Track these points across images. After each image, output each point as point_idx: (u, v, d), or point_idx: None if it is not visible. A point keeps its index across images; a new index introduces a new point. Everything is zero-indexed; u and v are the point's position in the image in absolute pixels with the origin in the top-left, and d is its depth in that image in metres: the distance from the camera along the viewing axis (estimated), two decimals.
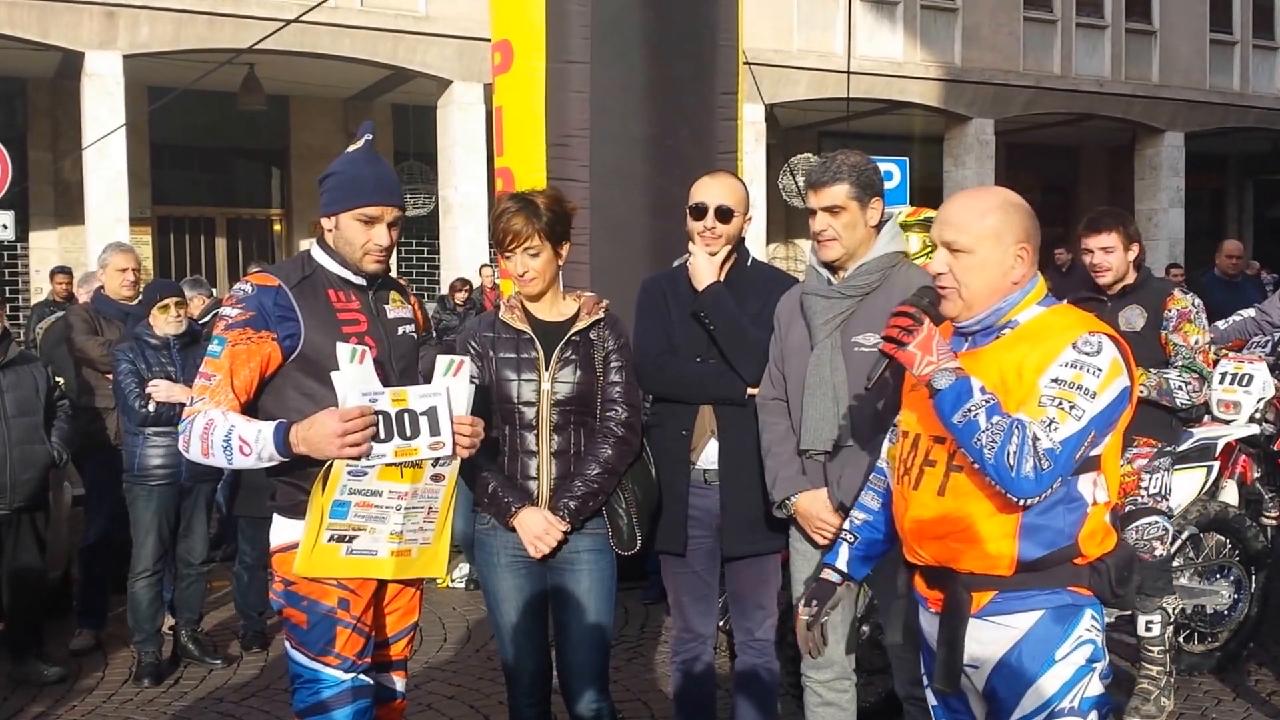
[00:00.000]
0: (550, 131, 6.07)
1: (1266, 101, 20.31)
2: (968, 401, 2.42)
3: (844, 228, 3.41)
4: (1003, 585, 2.53)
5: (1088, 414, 2.42)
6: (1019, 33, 18.25)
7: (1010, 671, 2.54)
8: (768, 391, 3.62)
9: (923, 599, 2.71)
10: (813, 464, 3.50)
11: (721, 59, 6.48)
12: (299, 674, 3.01)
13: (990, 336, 2.60)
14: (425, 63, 14.41)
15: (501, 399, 3.42)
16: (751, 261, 3.86)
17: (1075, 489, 2.51)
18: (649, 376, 3.71)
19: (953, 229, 2.59)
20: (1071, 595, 2.54)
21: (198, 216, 16.41)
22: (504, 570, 3.47)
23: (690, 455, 3.72)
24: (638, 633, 6.02)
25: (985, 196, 2.66)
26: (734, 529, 3.69)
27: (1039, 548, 2.50)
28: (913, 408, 2.70)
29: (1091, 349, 2.46)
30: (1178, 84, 19.45)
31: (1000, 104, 17.99)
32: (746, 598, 3.80)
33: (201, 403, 2.90)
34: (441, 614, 6.48)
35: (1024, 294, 2.59)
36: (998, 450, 2.37)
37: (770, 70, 15.14)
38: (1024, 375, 2.48)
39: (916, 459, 2.64)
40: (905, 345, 2.51)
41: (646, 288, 3.92)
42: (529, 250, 3.38)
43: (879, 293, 3.43)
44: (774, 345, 3.62)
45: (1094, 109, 18.75)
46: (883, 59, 16.91)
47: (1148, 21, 19.41)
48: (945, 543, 2.58)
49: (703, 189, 3.71)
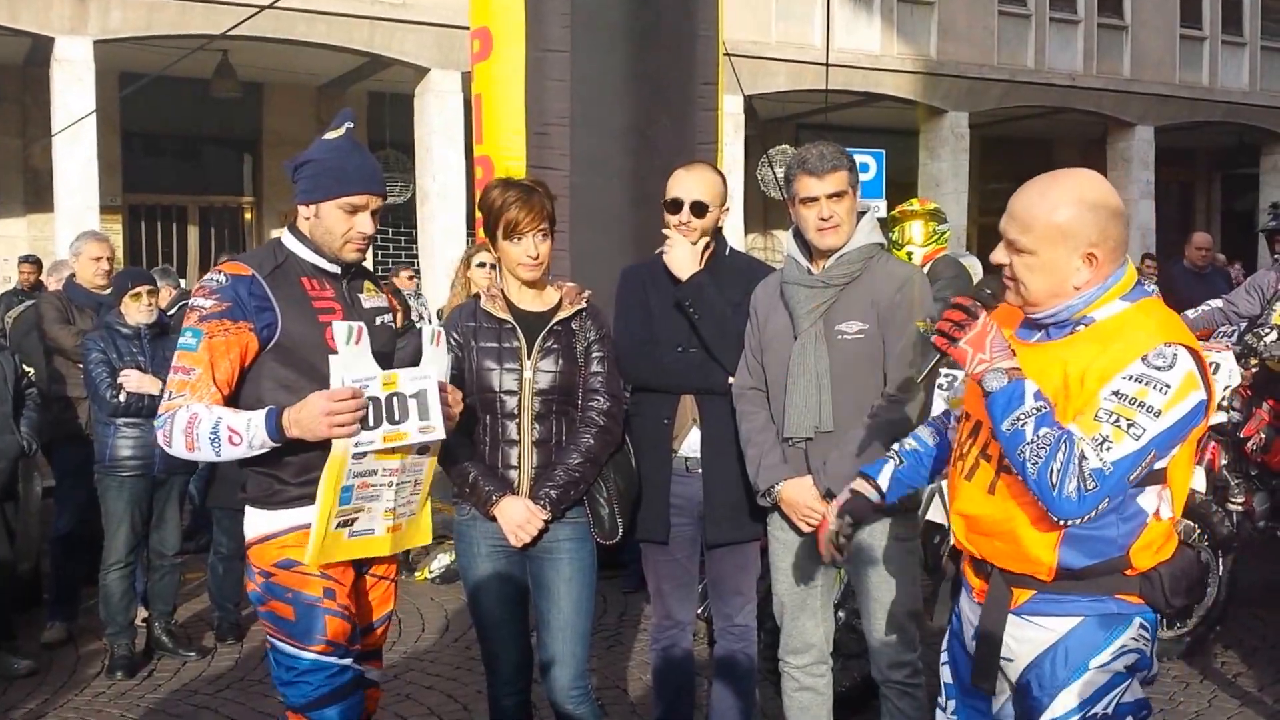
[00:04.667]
0: (530, 120, 6.06)
1: (1234, 96, 20.48)
2: (1018, 409, 2.28)
3: (846, 214, 3.45)
4: (1042, 587, 2.44)
5: (1148, 434, 2.24)
6: (994, 26, 18.32)
7: (1044, 673, 2.46)
8: (744, 381, 3.63)
9: (969, 585, 2.63)
10: (794, 451, 3.51)
11: (701, 49, 6.49)
12: (291, 666, 2.96)
13: (1065, 330, 2.43)
14: (402, 50, 14.31)
15: (482, 388, 3.41)
16: (730, 251, 3.87)
17: (1134, 502, 2.38)
18: (631, 366, 3.71)
19: (1017, 226, 2.40)
20: (1118, 604, 2.43)
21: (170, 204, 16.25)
22: (484, 560, 3.47)
23: (672, 444, 3.73)
24: (616, 621, 6.04)
25: (1059, 190, 2.41)
26: (716, 516, 3.71)
27: (1085, 558, 2.39)
28: (977, 392, 2.49)
29: (1164, 362, 2.27)
30: (1148, 78, 19.56)
31: (975, 97, 18.06)
32: (727, 584, 3.82)
33: (181, 398, 2.86)
34: (419, 604, 6.47)
35: (1102, 290, 2.40)
36: (1041, 466, 2.24)
37: (749, 61, 15.12)
38: (1086, 381, 2.31)
39: (974, 448, 2.54)
40: (957, 341, 2.37)
41: (627, 277, 3.93)
42: (539, 233, 3.39)
43: (859, 282, 3.46)
44: (750, 335, 3.63)
45: (1066, 102, 18.84)
46: (860, 51, 16.93)
47: (1119, 16, 19.53)
48: (990, 540, 2.50)
49: (678, 184, 3.72)
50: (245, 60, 14.15)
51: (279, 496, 2.95)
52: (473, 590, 3.54)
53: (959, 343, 2.36)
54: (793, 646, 3.65)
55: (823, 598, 3.63)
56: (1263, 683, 5.12)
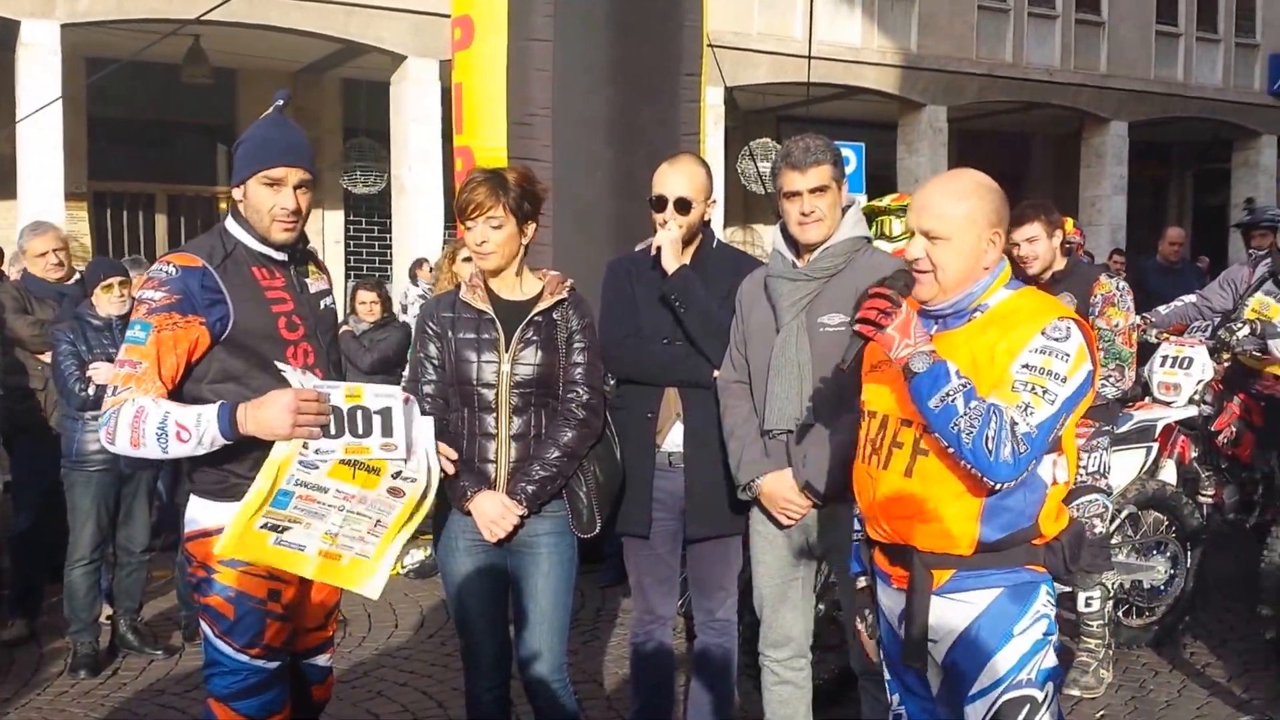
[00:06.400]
0: (512, 110, 6.00)
1: (1208, 92, 20.62)
2: (945, 386, 2.46)
3: (828, 208, 3.43)
4: (962, 564, 2.60)
5: (1060, 398, 2.49)
6: (973, 20, 18.36)
7: (970, 646, 2.61)
8: (728, 374, 3.62)
9: (885, 575, 2.77)
10: (776, 444, 3.50)
11: (686, 40, 6.45)
12: (220, 662, 2.94)
13: (961, 319, 2.65)
14: (379, 37, 14.19)
15: (460, 380, 3.38)
16: (717, 244, 3.86)
17: (1036, 474, 2.57)
18: (615, 358, 3.70)
19: (931, 216, 2.62)
20: (1029, 573, 2.62)
21: (137, 192, 16.08)
22: (462, 554, 3.44)
23: (655, 438, 3.72)
24: (594, 616, 6.02)
25: (960, 181, 2.69)
26: (698, 511, 3.70)
27: (1000, 530, 2.58)
28: (880, 387, 2.73)
29: (1060, 334, 2.52)
30: (1124, 74, 19.66)
31: (954, 91, 18.10)
32: (708, 579, 3.81)
33: (127, 391, 2.77)
34: (393, 600, 6.40)
35: (994, 277, 2.65)
36: (976, 435, 2.42)
37: (730, 53, 15.09)
38: (995, 359, 2.53)
39: (885, 439, 2.69)
40: (884, 328, 2.52)
41: (613, 269, 3.91)
42: (491, 221, 3.32)
43: (843, 275, 3.44)
44: (735, 328, 3.62)
45: (1043, 97, 18.92)
46: (841, 44, 16.92)
47: (1097, 12, 19.62)
48: (909, 522, 2.63)
49: (663, 180, 3.70)
50: (217, 45, 14.01)
51: (231, 490, 2.88)
52: (451, 584, 3.51)
53: (886, 329, 2.52)
54: (773, 640, 3.65)
55: (803, 591, 3.62)
56: (1231, 673, 5.18)
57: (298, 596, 3.02)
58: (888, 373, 2.66)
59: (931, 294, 2.64)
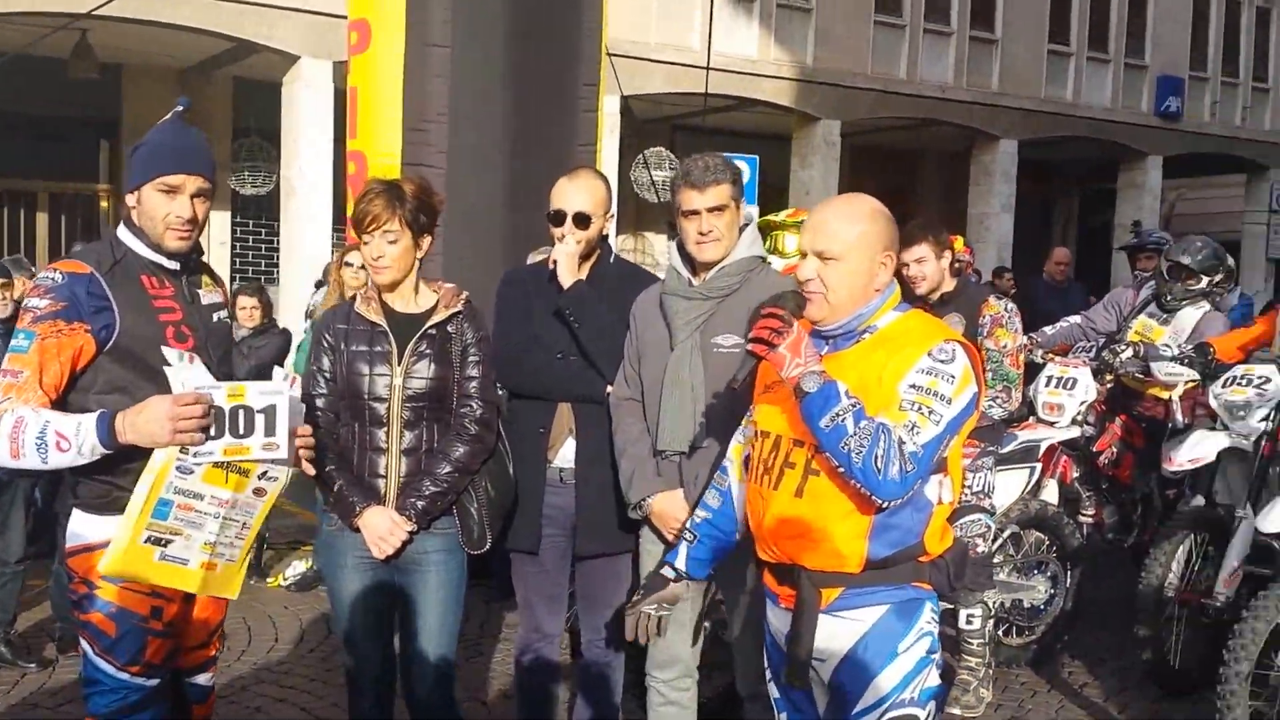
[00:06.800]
0: (408, 116, 5.93)
1: (1096, 113, 21.16)
2: (835, 405, 2.49)
3: (726, 227, 3.44)
4: (850, 582, 2.64)
5: (945, 418, 2.54)
6: (869, 36, 18.62)
7: (855, 664, 2.65)
8: (621, 391, 3.61)
9: (773, 595, 2.79)
10: (668, 464, 3.50)
11: (585, 50, 6.45)
12: (100, 681, 2.88)
13: (851, 340, 2.69)
14: (272, 36, 13.90)
15: (352, 394, 3.32)
16: (615, 258, 3.84)
17: (922, 493, 2.62)
18: (509, 371, 3.66)
19: (824, 237, 2.65)
20: (915, 590, 2.67)
21: (17, 190, 15.54)
22: (350, 572, 3.38)
23: (547, 453, 3.69)
24: (478, 631, 5.93)
25: (854, 205, 2.73)
26: (588, 528, 3.68)
27: (887, 547, 2.62)
28: (772, 408, 2.75)
29: (946, 356, 2.58)
30: (1015, 92, 20.08)
31: (848, 106, 18.34)
32: (597, 597, 3.78)
33: (8, 401, 2.69)
34: (272, 613, 6.25)
35: (884, 299, 2.70)
36: (865, 454, 2.46)
37: (627, 61, 15.11)
38: (884, 380, 2.58)
39: (777, 460, 2.71)
40: (776, 347, 2.54)
41: (509, 281, 3.89)
42: (387, 235, 3.27)
43: (739, 295, 3.44)
44: (629, 344, 3.61)
45: (936, 114, 19.24)
46: (737, 56, 17.05)
47: (990, 29, 20.01)
48: (799, 541, 2.66)
49: (561, 194, 3.67)
50: (105, 41, 13.58)
51: (114, 503, 2.79)
52: (337, 602, 3.44)
53: (778, 348, 2.54)
54: (659, 661, 3.63)
55: (691, 611, 3.61)
56: (1108, 693, 5.29)
57: (180, 614, 2.96)
58: (780, 393, 2.68)
59: (823, 314, 2.67)
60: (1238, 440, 5.24)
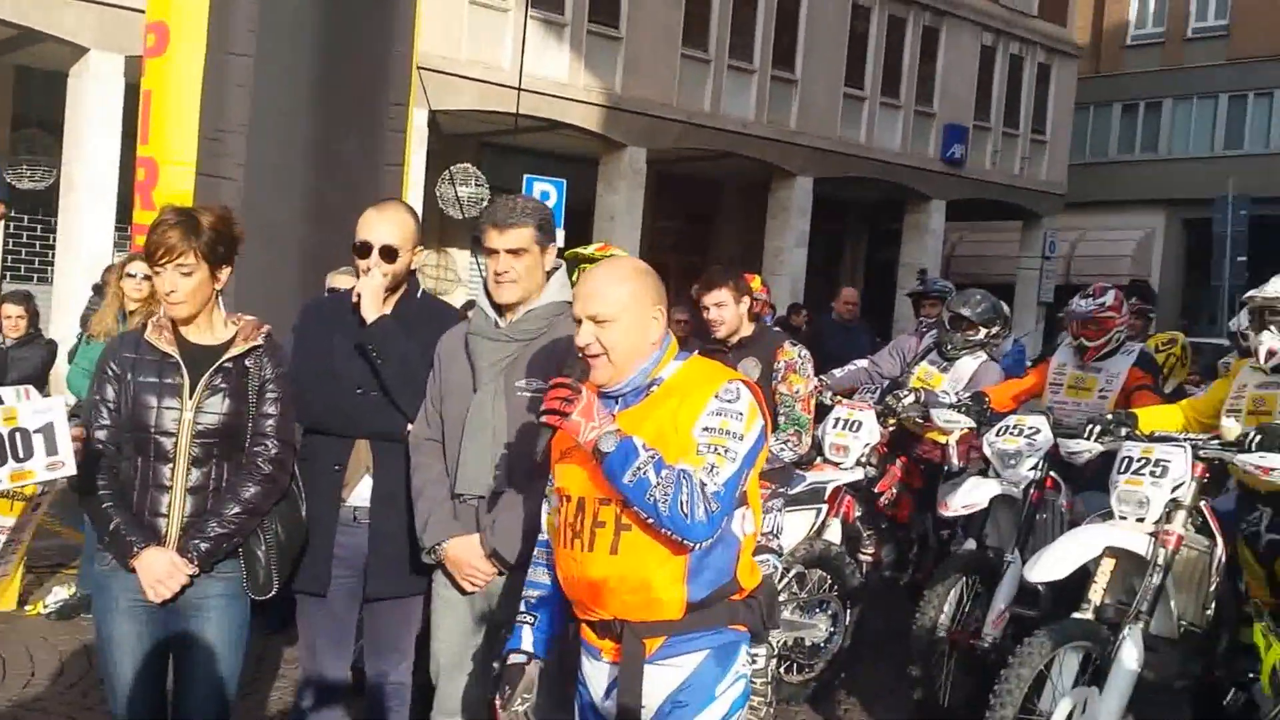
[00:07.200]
0: (205, 124, 5.68)
1: (887, 156, 22.15)
2: (635, 460, 2.58)
3: (525, 271, 3.40)
4: (672, 630, 2.73)
5: (740, 454, 2.66)
6: (676, 68, 18.99)
7: (677, 709, 2.73)
8: (422, 431, 3.53)
9: (594, 649, 2.83)
10: (466, 508, 3.44)
11: (395, 68, 6.32)
12: None
13: (640, 395, 2.79)
14: (59, 25, 13.13)
15: (137, 427, 3.15)
16: (421, 293, 3.77)
17: (729, 529, 2.73)
18: (306, 405, 3.54)
19: (596, 301, 2.76)
20: (732, 633, 2.77)
21: None
22: (122, 615, 3.20)
23: (341, 491, 3.58)
24: (255, 665, 5.62)
25: (619, 267, 2.90)
26: (380, 569, 3.59)
27: (705, 588, 2.72)
28: (573, 471, 2.79)
29: (732, 396, 2.71)
30: (812, 131, 20.85)
31: (654, 135, 18.62)
32: (385, 640, 3.70)
33: None
34: (29, 644, 5.73)
35: (663, 352, 2.82)
36: (671, 501, 2.56)
37: (438, 76, 14.96)
38: (679, 427, 2.68)
39: (585, 522, 2.75)
40: (568, 415, 2.62)
41: (309, 312, 3.78)
42: (181, 268, 3.13)
43: (544, 339, 3.42)
44: (432, 383, 3.54)
45: (737, 148, 19.75)
46: (548, 79, 17.08)
47: (791, 70, 20.70)
48: (620, 597, 2.72)
49: (368, 226, 3.58)
50: None
51: None
52: (106, 647, 3.25)
53: (571, 416, 2.62)
54: (447, 708, 3.54)
55: (482, 657, 3.55)
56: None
57: None
58: (579, 456, 2.73)
59: (607, 376, 2.76)
60: (1008, 488, 5.51)
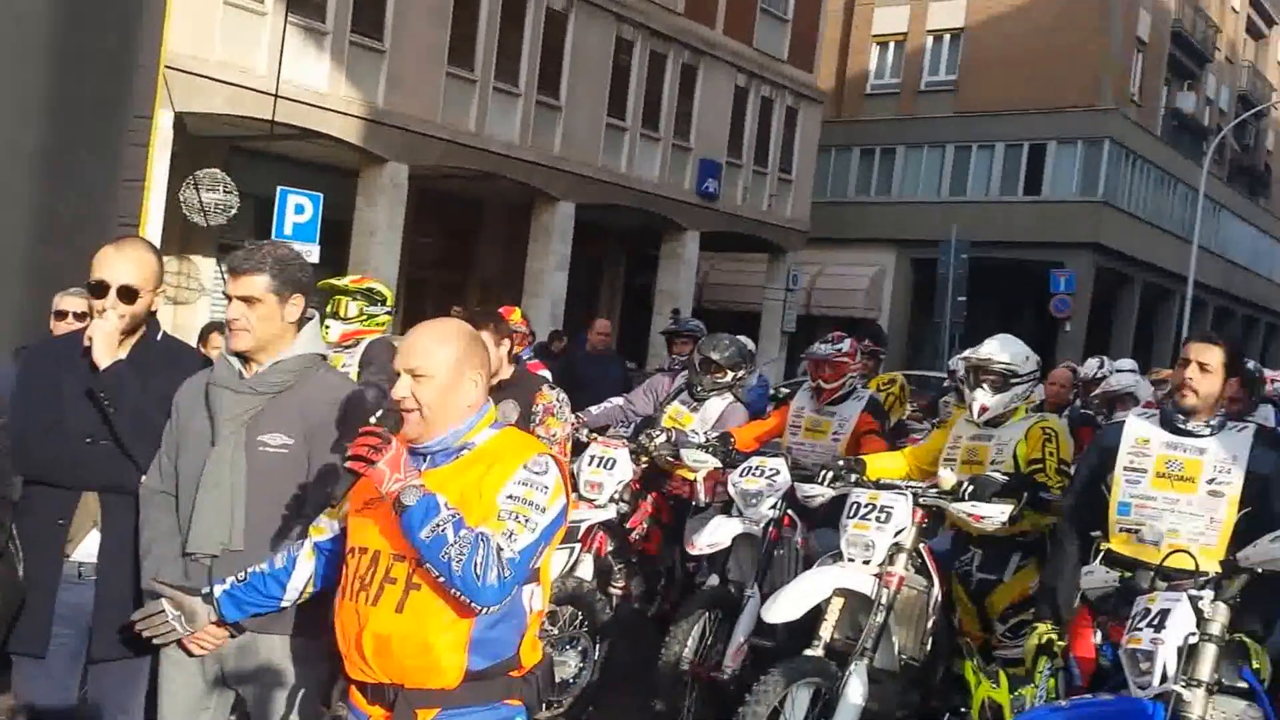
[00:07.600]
0: None
1: (646, 186, 22.67)
2: (435, 516, 2.58)
3: (258, 320, 3.26)
4: (446, 701, 2.69)
5: (540, 525, 2.69)
6: (440, 86, 18.79)
7: None
8: (154, 483, 3.34)
9: (363, 715, 2.78)
10: (197, 567, 3.25)
11: (140, 80, 6.00)
12: None
13: (449, 457, 2.80)
14: None
15: None
16: (162, 336, 3.59)
17: (517, 602, 2.75)
18: (28, 454, 3.32)
19: (418, 356, 2.77)
20: (508, 708, 2.77)
21: None
22: None
23: (65, 546, 3.36)
24: None
25: (445, 327, 2.89)
26: (107, 628, 3.38)
27: (486, 660, 2.72)
28: (370, 525, 2.79)
29: (541, 469, 2.75)
30: (575, 158, 21.08)
31: (417, 151, 18.36)
32: (110, 702, 3.49)
33: None
34: None
35: (479, 417, 2.84)
36: (465, 562, 2.55)
37: (185, 77, 14.31)
38: (483, 493, 2.70)
39: (376, 576, 2.74)
40: (375, 463, 2.62)
41: (35, 355, 3.54)
42: None
43: (291, 392, 3.30)
44: (169, 433, 3.35)
45: (500, 170, 19.72)
46: (306, 87, 16.59)
47: (556, 96, 20.87)
48: (398, 658, 2.69)
49: (106, 264, 3.38)
50: None
51: None
52: None
53: (378, 464, 2.62)
54: None
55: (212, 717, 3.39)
56: None
57: None
58: (378, 510, 2.71)
59: (419, 431, 2.76)
60: (750, 526, 5.74)
